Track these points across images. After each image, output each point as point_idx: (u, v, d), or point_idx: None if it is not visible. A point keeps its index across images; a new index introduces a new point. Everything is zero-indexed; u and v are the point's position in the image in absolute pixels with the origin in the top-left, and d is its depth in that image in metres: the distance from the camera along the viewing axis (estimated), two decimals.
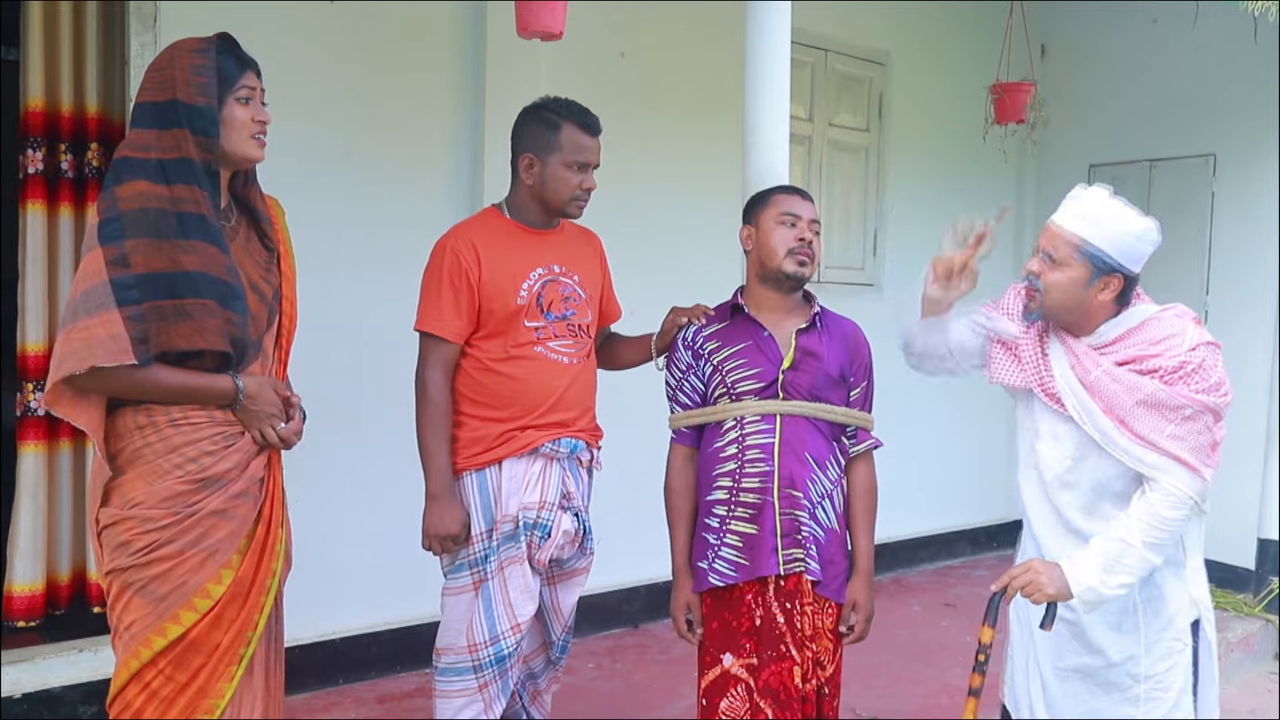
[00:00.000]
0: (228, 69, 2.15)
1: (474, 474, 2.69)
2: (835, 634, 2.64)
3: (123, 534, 2.09)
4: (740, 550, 2.58)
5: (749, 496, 2.57)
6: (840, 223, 5.74)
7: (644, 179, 4.65)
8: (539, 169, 2.70)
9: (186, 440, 2.11)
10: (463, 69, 4.21)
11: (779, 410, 2.58)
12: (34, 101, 3.48)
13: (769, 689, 2.55)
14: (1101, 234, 2.29)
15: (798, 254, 2.60)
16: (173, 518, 2.09)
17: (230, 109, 2.15)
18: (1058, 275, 2.33)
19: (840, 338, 2.69)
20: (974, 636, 2.35)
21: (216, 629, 2.14)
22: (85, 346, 1.98)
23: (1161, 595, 2.37)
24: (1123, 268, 2.30)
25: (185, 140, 2.09)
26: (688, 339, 2.72)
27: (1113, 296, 2.33)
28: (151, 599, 2.10)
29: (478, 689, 2.68)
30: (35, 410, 3.53)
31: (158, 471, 2.10)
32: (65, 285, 3.56)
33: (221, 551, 2.15)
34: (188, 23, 3.42)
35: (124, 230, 2.02)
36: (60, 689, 3.40)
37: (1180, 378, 2.23)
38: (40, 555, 3.57)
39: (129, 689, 2.12)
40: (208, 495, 2.12)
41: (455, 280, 2.65)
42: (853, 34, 5.68)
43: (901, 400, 5.36)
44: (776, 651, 2.55)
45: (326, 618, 3.94)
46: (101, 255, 2.00)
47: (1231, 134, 5.71)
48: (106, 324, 1.98)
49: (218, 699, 2.15)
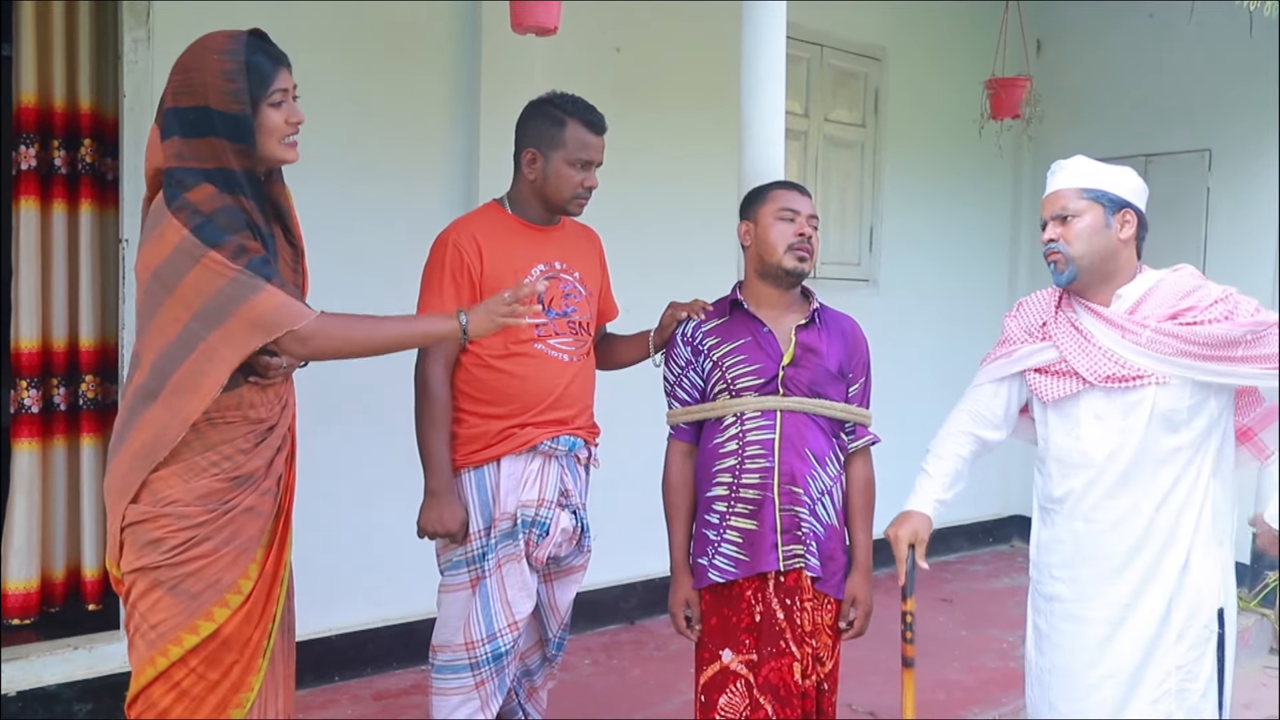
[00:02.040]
0: (261, 69, 2.08)
1: (472, 471, 2.68)
2: (834, 630, 2.64)
3: (155, 531, 2.07)
4: (740, 546, 2.58)
5: (749, 492, 2.57)
6: (836, 219, 5.74)
7: (639, 175, 4.64)
8: (542, 164, 2.69)
9: (223, 438, 2.10)
10: (458, 65, 4.20)
11: (779, 406, 2.58)
12: (27, 97, 3.46)
13: (769, 685, 2.54)
14: (1097, 177, 2.43)
15: (797, 249, 2.60)
16: (209, 514, 2.09)
17: (264, 114, 2.09)
18: (1076, 224, 2.39)
19: (839, 334, 2.69)
20: (971, 631, 2.35)
21: (247, 625, 2.15)
22: (271, 316, 2.00)
23: (1195, 580, 2.37)
24: (1129, 202, 2.40)
25: (224, 150, 2.05)
26: (686, 334, 2.71)
27: (1132, 234, 2.41)
28: (184, 597, 2.08)
29: (474, 686, 2.67)
30: (30, 408, 3.52)
31: (194, 469, 2.08)
32: (59, 282, 3.55)
33: (251, 548, 2.16)
34: (182, 19, 3.41)
35: (223, 229, 1.99)
36: (55, 687, 3.39)
37: (1225, 315, 2.31)
38: (35, 553, 3.55)
39: (154, 688, 2.10)
40: (241, 493, 2.12)
41: (457, 274, 2.64)
42: (848, 29, 5.68)
43: (900, 397, 5.36)
44: (776, 648, 2.55)
45: (323, 615, 3.92)
46: (216, 257, 1.97)
47: (1227, 129, 5.71)
48: (271, 294, 1.99)
49: (248, 693, 2.16)
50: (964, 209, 6.34)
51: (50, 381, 3.58)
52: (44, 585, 3.61)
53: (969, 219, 6.38)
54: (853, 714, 3.84)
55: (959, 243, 6.34)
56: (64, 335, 3.59)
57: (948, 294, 6.27)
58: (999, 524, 6.60)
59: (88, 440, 3.63)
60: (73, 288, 3.59)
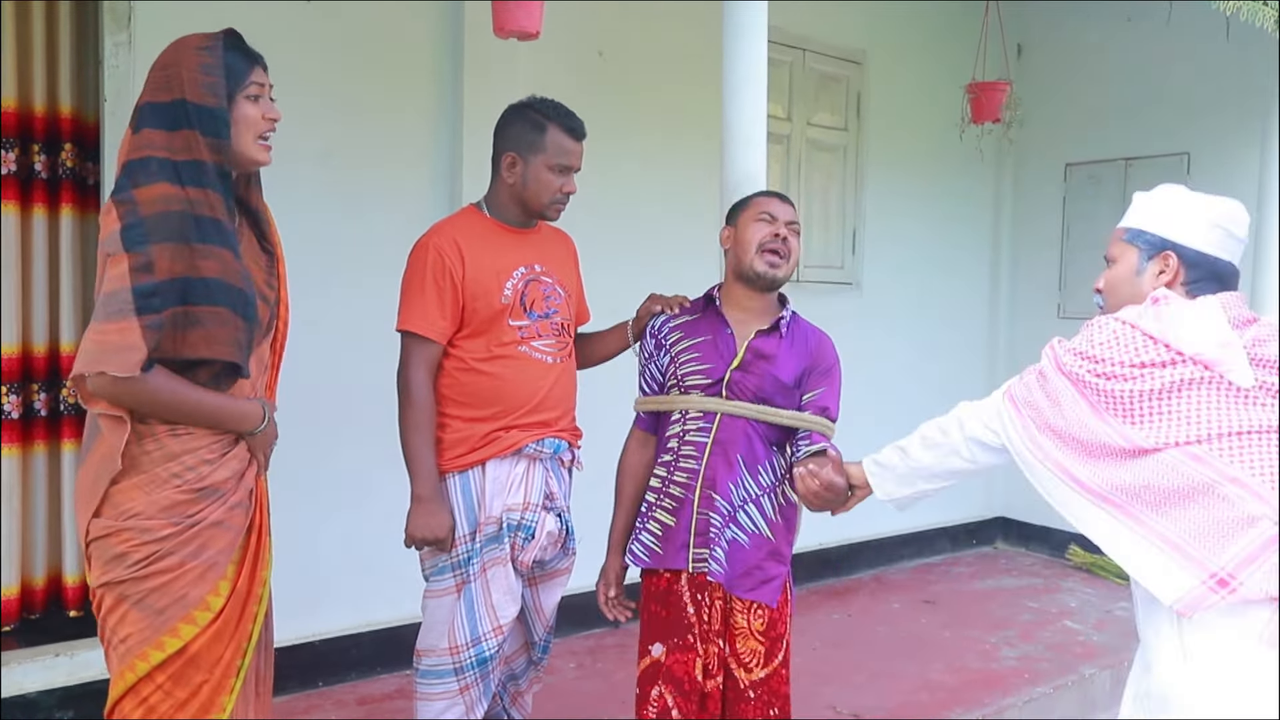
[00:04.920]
0: (236, 66, 2.09)
1: (457, 475, 2.68)
2: (769, 637, 2.62)
3: (119, 545, 2.02)
4: (657, 538, 2.65)
5: (676, 489, 2.63)
6: (819, 222, 5.76)
7: (622, 178, 4.65)
8: (521, 169, 2.69)
9: (185, 448, 2.05)
10: (440, 68, 4.20)
11: (720, 409, 2.60)
12: (7, 101, 3.44)
13: (672, 675, 2.60)
14: (1150, 212, 2.04)
15: (767, 251, 2.61)
16: (173, 528, 2.03)
17: (240, 107, 2.10)
18: (1110, 274, 2.08)
19: (803, 344, 2.67)
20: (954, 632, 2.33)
21: (218, 643, 2.09)
22: (100, 350, 1.93)
23: None
24: (1176, 244, 1.98)
25: (196, 142, 2.03)
26: (655, 327, 2.77)
27: (1170, 279, 1.98)
28: (149, 612, 2.04)
29: (459, 691, 2.67)
30: (10, 413, 3.50)
31: (155, 480, 2.03)
32: (39, 287, 3.53)
33: (220, 564, 2.10)
34: (164, 23, 3.39)
35: (148, 235, 1.96)
36: (36, 694, 3.37)
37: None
38: (15, 559, 3.54)
39: (125, 702, 2.07)
40: (207, 505, 2.07)
41: (439, 279, 2.63)
42: (830, 33, 5.70)
43: (883, 399, 5.39)
44: (683, 641, 2.60)
45: (307, 620, 3.92)
46: (126, 261, 1.95)
47: (1205, 132, 5.76)
48: (123, 332, 1.93)
49: (219, 713, 2.10)
50: (946, 212, 6.38)
51: (31, 387, 3.56)
52: (24, 592, 3.59)
53: (951, 222, 6.42)
54: (836, 715, 3.85)
55: (941, 245, 6.37)
56: (45, 340, 3.57)
57: (930, 296, 6.30)
58: (982, 526, 6.64)
59: (69, 446, 3.62)
60: (53, 293, 3.57)
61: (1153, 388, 1.83)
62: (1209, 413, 1.81)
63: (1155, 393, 1.83)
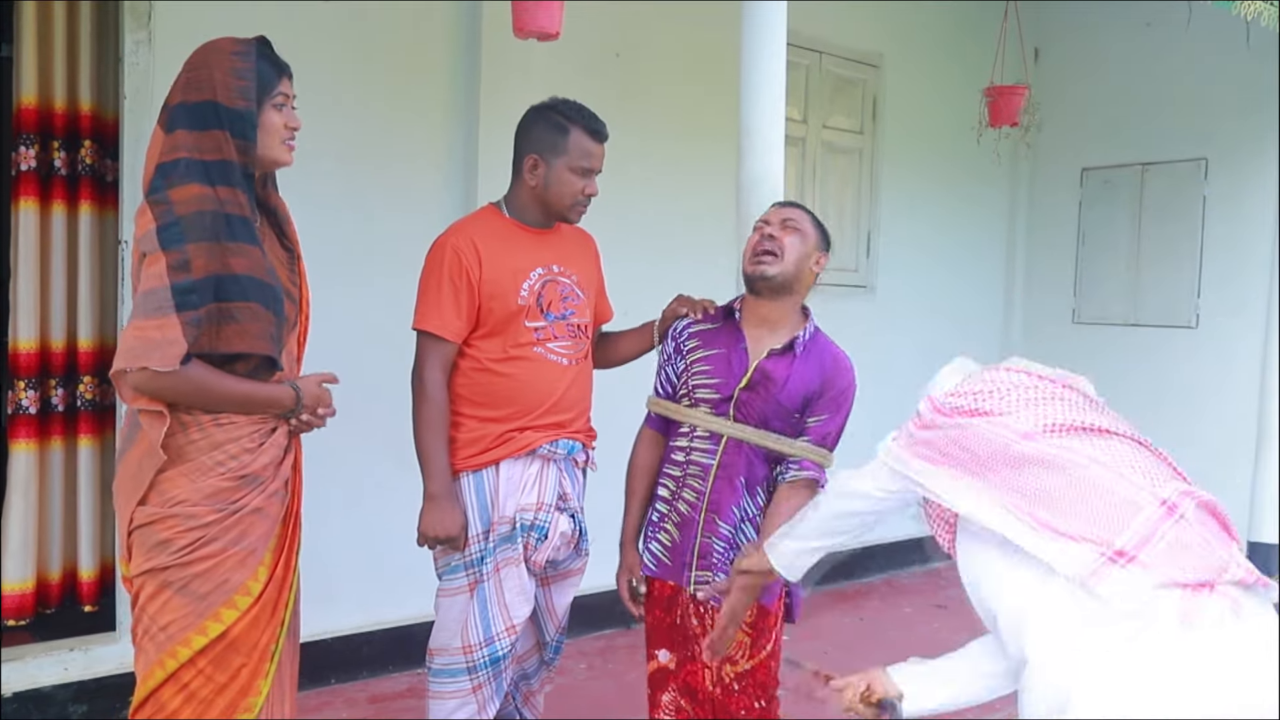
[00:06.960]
0: (265, 74, 2.15)
1: (471, 475, 2.68)
2: (757, 629, 2.59)
3: (163, 532, 2.08)
4: (666, 550, 2.65)
5: (683, 506, 2.63)
6: (834, 225, 5.70)
7: (639, 179, 4.65)
8: (543, 171, 2.69)
9: (229, 437, 2.12)
10: (457, 69, 4.20)
11: (726, 431, 2.57)
12: (27, 98, 3.47)
13: (687, 687, 2.62)
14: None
15: (755, 253, 2.59)
16: (216, 514, 2.10)
17: (266, 114, 2.16)
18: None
19: (817, 366, 2.57)
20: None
21: (255, 627, 2.15)
22: (142, 346, 1.99)
23: None
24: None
25: (226, 143, 2.09)
26: (676, 330, 2.75)
27: None
28: (192, 597, 2.10)
29: (471, 690, 2.67)
30: (27, 408, 3.52)
31: (200, 469, 2.10)
32: (58, 283, 3.56)
33: (259, 550, 2.17)
34: (183, 21, 3.42)
35: (184, 234, 2.02)
36: (50, 688, 3.39)
37: None
38: (31, 554, 3.55)
39: (164, 690, 2.11)
40: (249, 492, 2.13)
41: (456, 279, 2.64)
42: (847, 36, 5.69)
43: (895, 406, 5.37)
44: (691, 652, 2.61)
45: (318, 617, 3.90)
46: (164, 260, 2.00)
47: (1223, 138, 5.74)
48: (164, 328, 1.99)
49: (256, 696, 2.16)
50: (961, 216, 6.36)
51: (48, 382, 3.58)
52: (40, 586, 3.61)
53: (966, 226, 6.40)
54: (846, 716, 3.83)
55: (956, 249, 6.36)
56: (62, 336, 3.59)
57: (944, 301, 6.28)
58: None
59: (85, 441, 3.63)
60: (71, 289, 3.59)
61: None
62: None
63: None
